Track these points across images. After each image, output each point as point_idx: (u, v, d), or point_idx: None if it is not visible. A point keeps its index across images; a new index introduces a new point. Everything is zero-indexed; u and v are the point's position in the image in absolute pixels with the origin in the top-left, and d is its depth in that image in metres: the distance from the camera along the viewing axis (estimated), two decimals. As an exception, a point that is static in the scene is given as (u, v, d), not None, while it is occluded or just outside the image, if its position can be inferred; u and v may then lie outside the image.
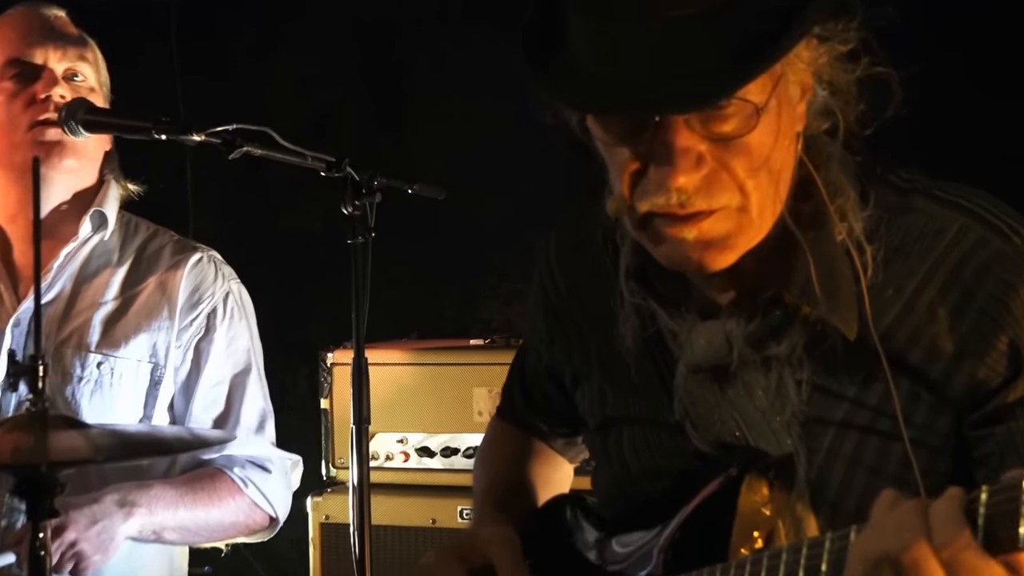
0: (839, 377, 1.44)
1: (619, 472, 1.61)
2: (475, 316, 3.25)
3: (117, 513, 2.23)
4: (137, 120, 2.23)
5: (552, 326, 1.71)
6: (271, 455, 2.44)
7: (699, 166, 1.33)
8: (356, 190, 2.13)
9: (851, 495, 1.44)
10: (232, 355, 2.45)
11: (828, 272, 1.42)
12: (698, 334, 1.49)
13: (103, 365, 2.37)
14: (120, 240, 2.49)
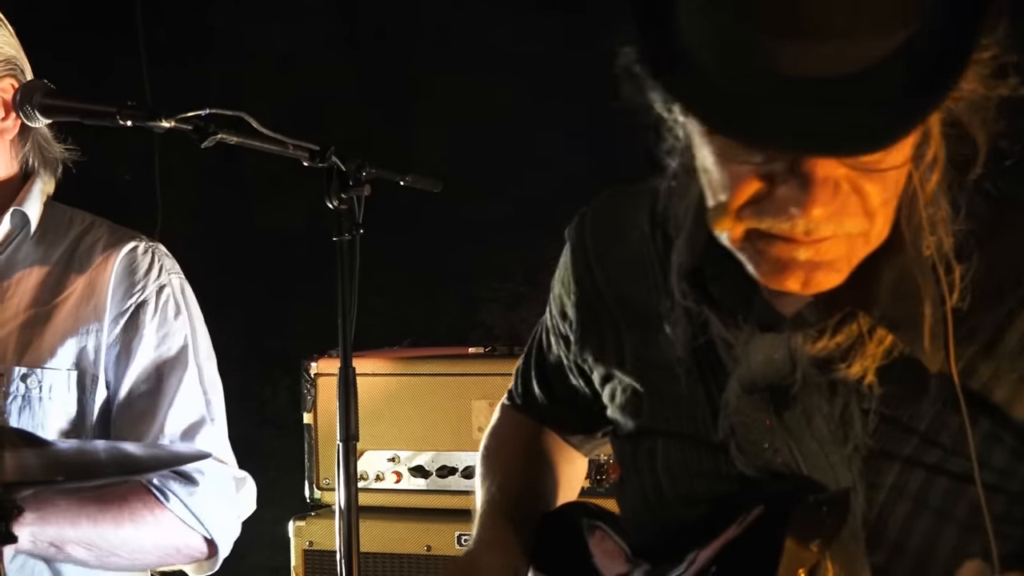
0: (911, 409, 1.43)
1: (651, 492, 1.61)
2: (474, 322, 3.25)
3: None
4: (100, 105, 2.22)
5: (584, 317, 1.69)
6: (201, 466, 2.40)
7: (835, 195, 1.32)
8: (342, 182, 2.13)
9: (914, 536, 1.44)
10: (164, 353, 2.41)
11: (912, 292, 1.41)
12: (757, 348, 1.48)
13: (29, 379, 2.35)
14: (49, 238, 2.48)
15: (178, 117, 2.15)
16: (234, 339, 2.56)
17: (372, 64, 3.51)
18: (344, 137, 2.23)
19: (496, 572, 1.61)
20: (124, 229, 2.52)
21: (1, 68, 2.38)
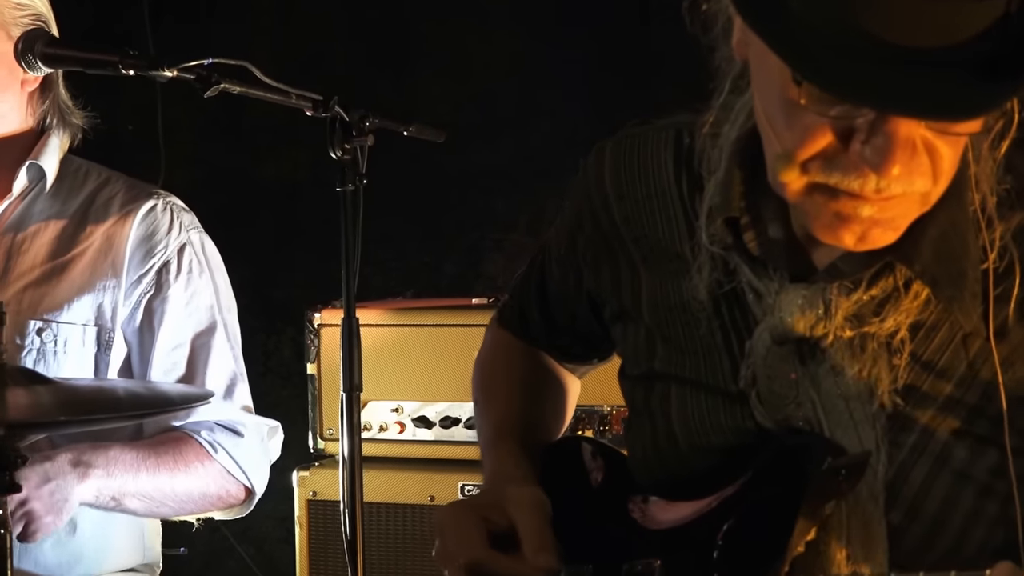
0: (940, 367, 1.42)
1: (663, 438, 1.59)
2: (478, 272, 3.25)
3: (71, 473, 2.23)
4: (103, 54, 2.21)
5: (599, 251, 1.66)
6: (243, 419, 2.43)
7: (912, 156, 1.29)
8: (346, 132, 2.13)
9: (931, 497, 1.43)
10: (193, 314, 2.44)
11: (956, 248, 1.39)
12: (790, 298, 1.45)
13: (45, 332, 2.37)
14: (65, 191, 2.48)
15: (180, 66, 2.15)
16: (238, 290, 2.56)
17: (375, 15, 3.49)
18: (347, 88, 2.23)
19: (524, 503, 1.56)
20: (141, 184, 2.53)
21: (30, 21, 2.39)
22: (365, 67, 3.38)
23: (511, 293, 1.90)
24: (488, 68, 3.30)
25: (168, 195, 2.51)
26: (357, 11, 3.50)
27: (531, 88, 3.22)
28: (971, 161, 1.39)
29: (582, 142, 1.74)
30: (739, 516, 1.46)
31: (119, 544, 2.49)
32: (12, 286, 2.36)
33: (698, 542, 1.47)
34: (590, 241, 1.67)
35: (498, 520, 1.56)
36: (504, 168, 3.24)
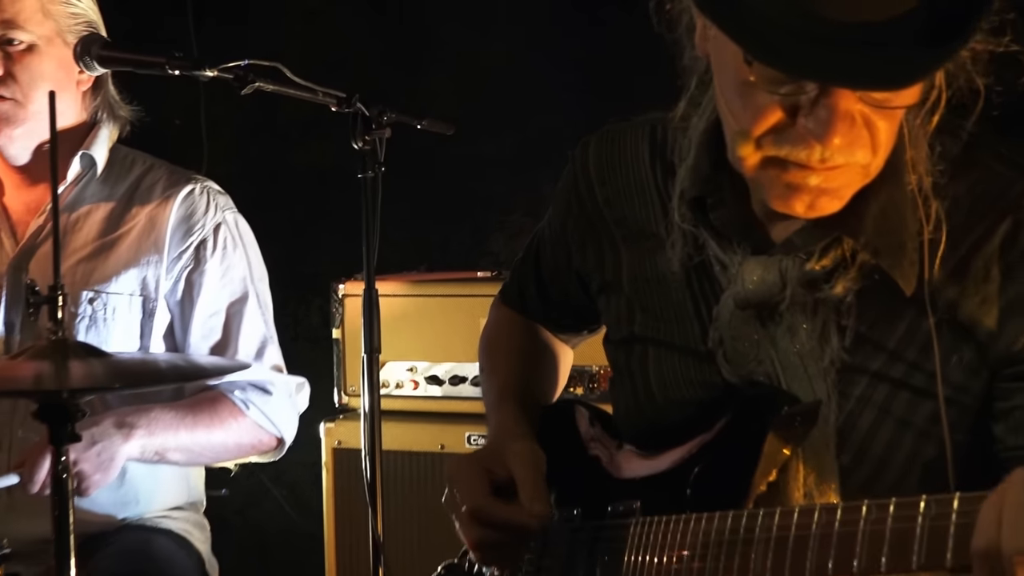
0: (883, 328, 1.41)
1: (642, 394, 1.59)
2: (482, 249, 3.24)
3: (116, 434, 2.23)
4: (151, 56, 2.20)
5: (584, 232, 1.66)
6: (272, 378, 2.43)
7: (852, 127, 1.29)
8: (366, 125, 2.12)
9: (876, 442, 1.42)
10: (227, 285, 2.43)
11: (896, 222, 1.38)
12: (751, 269, 1.44)
13: (95, 301, 2.37)
14: (113, 177, 2.47)
15: (220, 67, 2.13)
16: (272, 265, 2.56)
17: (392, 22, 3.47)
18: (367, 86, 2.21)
19: (522, 456, 1.57)
20: (181, 170, 2.52)
21: (83, 27, 2.38)
22: (383, 68, 3.36)
23: (511, 275, 1.89)
24: (491, 70, 3.29)
25: (206, 180, 2.51)
26: (376, 19, 3.48)
27: (529, 88, 3.21)
28: (908, 146, 1.38)
29: (573, 135, 1.73)
30: (708, 461, 1.45)
31: (167, 486, 2.49)
32: (67, 261, 2.34)
33: (673, 485, 1.47)
34: (577, 223, 1.67)
35: (499, 472, 1.56)
36: (505, 158, 3.23)
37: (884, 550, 1.18)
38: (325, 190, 3.22)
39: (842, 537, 1.21)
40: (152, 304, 2.40)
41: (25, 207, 2.46)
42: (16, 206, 2.46)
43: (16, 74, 2.32)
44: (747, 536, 1.31)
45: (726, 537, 1.33)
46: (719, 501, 1.38)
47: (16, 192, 2.46)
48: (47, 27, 2.33)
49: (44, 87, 2.28)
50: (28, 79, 2.32)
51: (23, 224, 2.45)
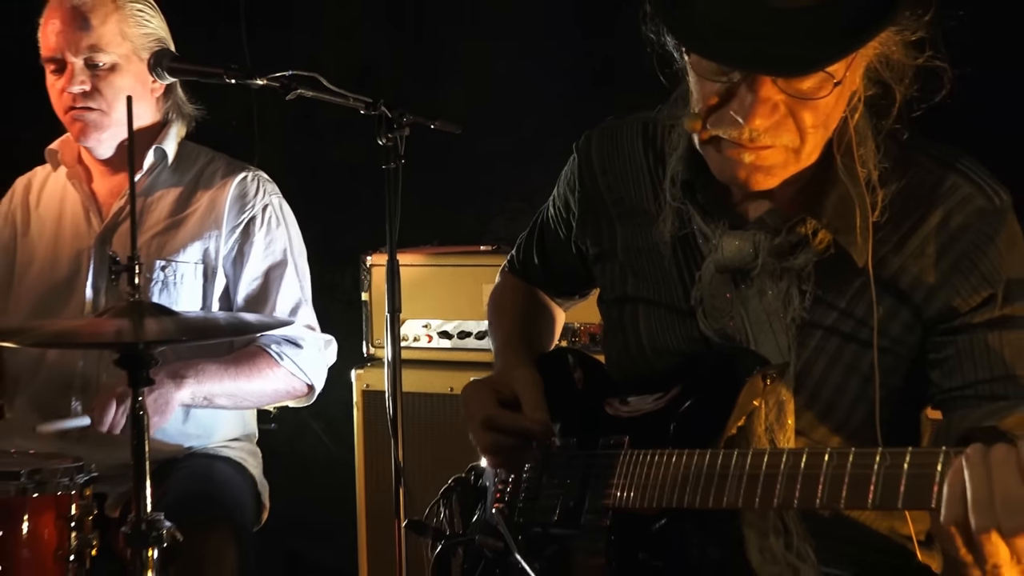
0: (835, 291, 1.42)
1: (633, 345, 1.59)
2: (485, 228, 3.24)
3: (169, 383, 2.24)
4: (211, 67, 2.21)
5: (585, 210, 1.66)
6: (304, 335, 2.44)
7: (773, 113, 1.31)
8: (389, 126, 2.12)
9: (828, 386, 1.44)
10: (270, 255, 2.44)
11: (850, 207, 1.38)
12: (729, 240, 1.45)
13: (167, 268, 2.38)
14: (181, 167, 2.48)
15: (268, 76, 2.14)
16: (313, 241, 2.57)
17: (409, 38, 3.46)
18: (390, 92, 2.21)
19: (524, 379, 1.58)
20: (237, 161, 2.54)
21: (155, 44, 2.38)
22: (403, 77, 3.36)
23: (516, 250, 1.89)
24: (492, 79, 3.28)
25: (257, 170, 2.52)
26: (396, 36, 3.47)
27: (525, 94, 3.20)
28: (855, 146, 1.39)
29: (560, 135, 1.73)
30: (690, 406, 1.45)
31: (225, 422, 2.50)
32: (143, 236, 2.37)
33: (658, 424, 1.47)
34: (579, 203, 1.66)
35: (505, 392, 1.57)
36: (504, 153, 3.23)
37: (844, 490, 1.18)
38: (355, 179, 3.22)
39: (807, 477, 1.22)
40: (212, 270, 2.41)
41: (109, 192, 2.47)
42: (102, 191, 2.48)
43: (102, 89, 2.33)
44: (723, 472, 1.31)
45: (704, 471, 1.33)
46: (696, 440, 1.38)
47: (102, 180, 2.48)
48: (125, 48, 2.34)
49: (125, 97, 2.29)
50: (111, 93, 2.33)
51: (107, 206, 2.46)
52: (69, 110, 2.34)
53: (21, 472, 1.79)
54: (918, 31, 1.33)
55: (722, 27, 1.28)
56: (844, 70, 1.30)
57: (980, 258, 1.37)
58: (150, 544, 1.71)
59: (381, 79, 2.40)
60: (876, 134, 1.41)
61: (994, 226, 1.38)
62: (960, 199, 1.39)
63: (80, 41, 2.30)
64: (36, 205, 2.53)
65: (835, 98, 1.33)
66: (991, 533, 1.05)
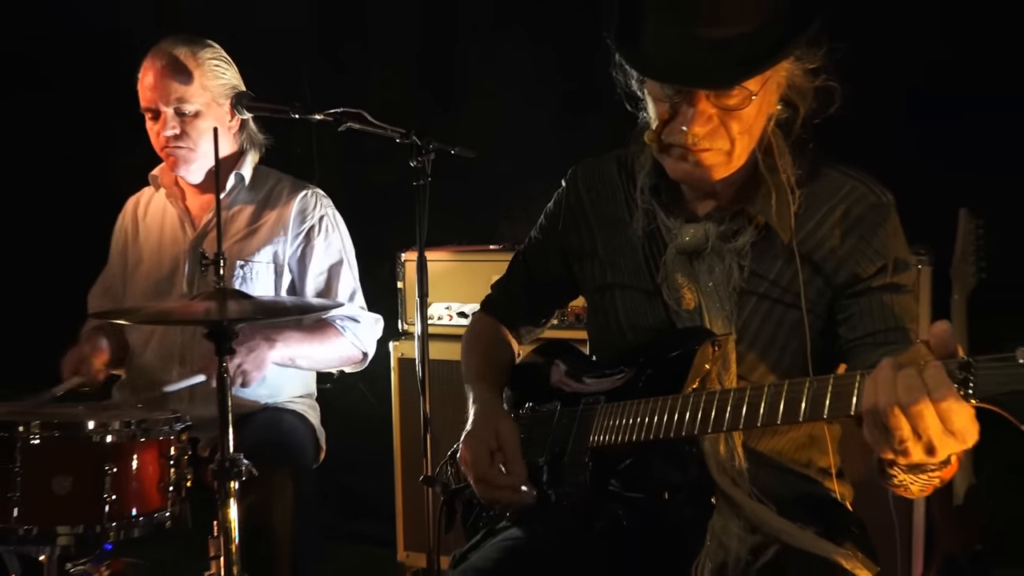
0: (767, 265, 1.45)
1: (612, 323, 1.58)
2: (493, 230, 3.23)
3: (264, 344, 2.26)
4: (280, 105, 2.21)
5: (570, 224, 1.67)
6: (360, 315, 2.46)
7: (708, 123, 1.36)
8: (418, 151, 2.13)
9: (762, 339, 1.45)
10: (329, 255, 2.46)
11: (777, 199, 1.43)
12: (686, 229, 1.48)
13: (245, 267, 2.39)
14: (255, 187, 2.49)
15: (324, 112, 2.14)
16: (359, 242, 2.57)
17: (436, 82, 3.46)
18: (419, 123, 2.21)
19: (511, 432, 1.54)
20: (300, 181, 2.56)
21: (230, 91, 2.39)
22: (430, 111, 3.36)
23: (494, 290, 1.87)
24: (501, 113, 3.28)
25: (315, 187, 2.53)
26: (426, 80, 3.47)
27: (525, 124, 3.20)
28: (778, 155, 1.44)
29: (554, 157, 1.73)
30: (656, 368, 1.46)
31: (292, 382, 2.52)
32: (226, 242, 2.38)
33: (630, 384, 1.48)
34: (566, 219, 1.67)
35: (492, 444, 1.52)
36: (509, 171, 3.23)
37: (780, 410, 1.22)
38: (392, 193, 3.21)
39: (751, 405, 1.26)
40: (280, 268, 2.42)
41: (199, 207, 2.48)
42: (194, 207, 2.49)
43: (189, 132, 2.34)
44: (682, 409, 1.34)
45: (668, 408, 1.36)
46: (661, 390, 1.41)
47: (193, 198, 2.49)
48: (206, 97, 2.34)
49: (208, 137, 2.31)
50: (196, 134, 2.34)
51: (198, 218, 2.47)
52: (164, 148, 2.35)
53: (132, 421, 1.81)
54: (815, 60, 1.40)
55: (666, 58, 1.32)
56: (759, 87, 1.36)
57: (873, 238, 1.41)
58: (232, 478, 1.73)
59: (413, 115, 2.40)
60: (792, 150, 1.47)
61: (883, 216, 1.42)
62: (858, 196, 1.43)
63: (170, 95, 2.31)
64: (143, 217, 2.55)
65: (755, 111, 1.38)
66: (894, 408, 1.07)
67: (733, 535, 1.37)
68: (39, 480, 1.68)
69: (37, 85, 3.56)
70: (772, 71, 1.36)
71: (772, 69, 1.35)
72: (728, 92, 1.34)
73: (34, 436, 1.70)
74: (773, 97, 1.41)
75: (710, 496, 1.39)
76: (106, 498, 1.70)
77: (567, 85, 3.16)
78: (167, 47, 2.33)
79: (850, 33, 1.39)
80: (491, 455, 1.52)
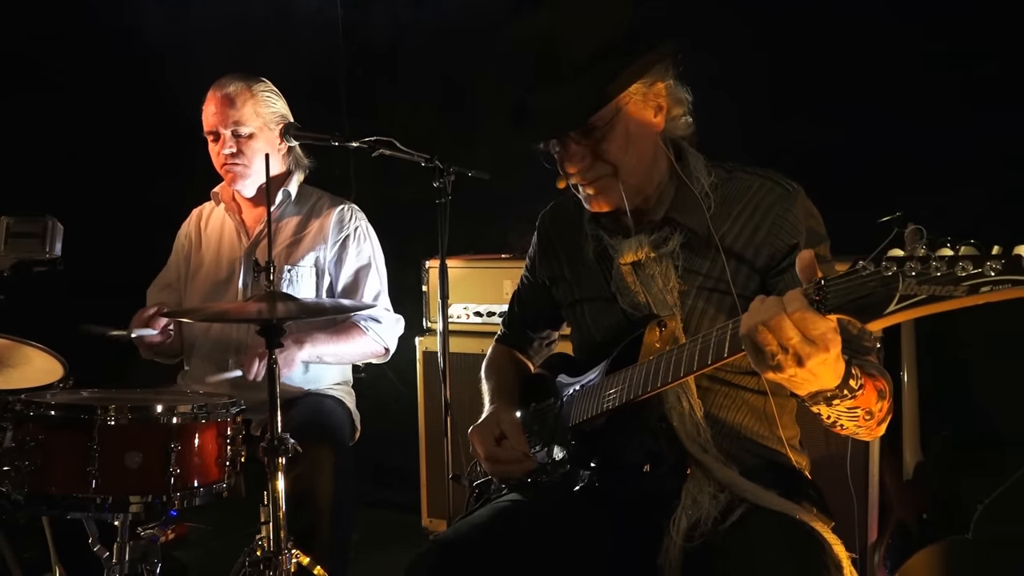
0: (698, 262, 1.43)
1: (585, 331, 1.58)
2: (504, 241, 3.22)
3: (293, 345, 2.25)
4: (322, 133, 2.21)
5: (540, 256, 1.69)
6: (382, 315, 2.44)
7: (582, 160, 1.36)
8: (440, 173, 2.12)
9: (704, 324, 1.43)
10: (359, 260, 2.44)
11: (694, 205, 1.42)
12: (625, 244, 1.47)
13: (292, 271, 2.38)
14: (300, 202, 2.48)
15: (359, 140, 2.13)
16: (390, 251, 2.56)
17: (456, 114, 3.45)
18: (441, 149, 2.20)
19: (511, 421, 1.54)
20: (337, 197, 2.54)
21: (280, 119, 2.38)
22: (450, 138, 3.34)
23: (503, 324, 1.86)
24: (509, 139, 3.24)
25: (352, 204, 2.52)
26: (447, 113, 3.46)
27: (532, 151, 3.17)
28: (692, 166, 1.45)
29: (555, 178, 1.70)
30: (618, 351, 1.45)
31: (332, 372, 2.50)
32: (275, 249, 2.36)
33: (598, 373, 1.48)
34: (538, 255, 1.68)
35: (496, 432, 1.53)
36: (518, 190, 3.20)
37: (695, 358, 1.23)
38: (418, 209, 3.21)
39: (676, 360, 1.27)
40: (321, 272, 2.41)
41: (253, 220, 2.47)
42: (248, 219, 2.48)
43: (244, 151, 2.34)
44: (636, 374, 1.35)
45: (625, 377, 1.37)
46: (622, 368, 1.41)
47: (248, 212, 2.48)
48: (259, 122, 2.35)
49: (260, 156, 2.31)
50: (250, 153, 2.34)
51: (252, 229, 2.46)
52: (223, 165, 2.35)
53: (194, 405, 1.80)
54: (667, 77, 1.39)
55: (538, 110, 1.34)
56: (610, 118, 1.36)
57: (783, 222, 1.40)
58: (279, 454, 1.73)
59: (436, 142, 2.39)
60: (705, 161, 1.47)
61: (790, 201, 1.40)
62: (767, 191, 1.42)
63: (228, 119, 2.32)
64: (205, 227, 2.54)
65: (622, 132, 1.37)
66: (759, 326, 1.08)
67: (706, 493, 1.35)
68: (114, 456, 1.68)
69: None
70: (622, 103, 1.35)
71: (620, 100, 1.34)
72: (586, 129, 1.33)
73: (110, 418, 1.69)
74: (645, 112, 1.41)
75: (685, 467, 1.38)
76: (171, 471, 1.69)
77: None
78: (226, 82, 2.37)
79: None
80: (496, 440, 1.52)
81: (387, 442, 3.32)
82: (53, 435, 1.67)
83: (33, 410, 1.69)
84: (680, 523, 1.33)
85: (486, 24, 3.31)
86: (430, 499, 2.93)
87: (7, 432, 1.70)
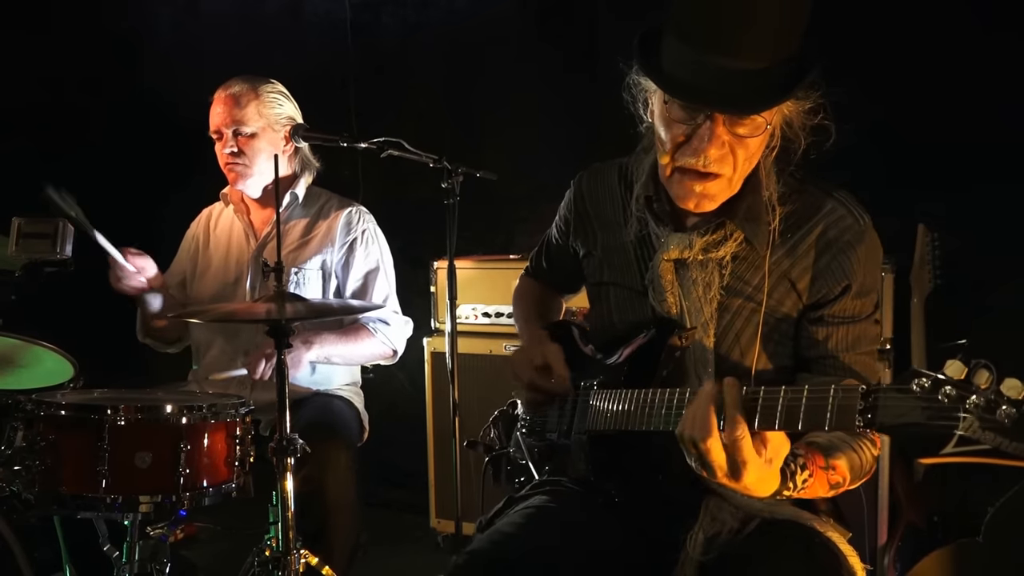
0: (745, 276, 1.38)
1: (606, 316, 1.55)
2: (511, 242, 3.22)
3: (301, 346, 2.24)
4: (331, 135, 2.21)
5: (577, 224, 1.62)
6: (391, 318, 2.43)
7: (722, 147, 1.28)
8: (448, 174, 2.11)
9: (742, 337, 1.39)
10: (367, 263, 2.44)
11: (758, 215, 1.37)
12: (674, 238, 1.42)
13: (299, 273, 2.37)
14: (308, 204, 2.48)
15: (368, 141, 2.13)
16: (398, 253, 2.55)
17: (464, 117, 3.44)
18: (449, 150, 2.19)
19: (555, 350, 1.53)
20: (346, 199, 2.54)
21: (286, 120, 2.38)
22: (459, 139, 3.33)
23: (531, 260, 1.84)
24: (518, 143, 3.25)
25: (360, 205, 2.52)
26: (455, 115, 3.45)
27: (539, 153, 3.18)
28: (764, 176, 1.36)
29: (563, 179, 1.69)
30: (636, 356, 1.43)
31: (340, 372, 2.50)
32: (283, 251, 2.37)
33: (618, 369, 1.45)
34: (574, 220, 1.62)
35: (539, 359, 1.52)
36: (525, 192, 3.21)
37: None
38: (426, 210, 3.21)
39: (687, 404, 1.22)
40: (328, 274, 2.40)
41: (261, 221, 2.47)
42: (256, 221, 2.48)
43: (245, 151, 2.34)
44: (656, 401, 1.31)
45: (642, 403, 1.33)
46: (640, 380, 1.37)
47: (256, 213, 2.48)
48: (261, 122, 2.35)
49: (262, 157, 2.33)
50: (252, 153, 2.34)
51: (260, 231, 2.46)
52: (226, 164, 2.36)
53: (203, 405, 1.80)
54: (812, 100, 1.33)
55: (689, 83, 1.25)
56: (771, 118, 1.29)
57: (844, 260, 1.33)
58: (288, 454, 1.73)
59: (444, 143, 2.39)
60: (777, 170, 1.39)
61: (857, 238, 1.33)
62: (836, 218, 1.34)
63: (231, 119, 2.33)
64: (214, 228, 2.55)
65: (760, 141, 1.31)
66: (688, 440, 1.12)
67: (726, 511, 1.33)
68: (124, 456, 1.67)
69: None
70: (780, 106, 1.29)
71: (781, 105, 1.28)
72: (743, 120, 1.26)
73: (120, 418, 1.69)
74: (776, 131, 1.33)
75: (702, 486, 1.34)
76: (181, 471, 1.69)
77: (573, 123, 3.14)
78: (233, 82, 2.38)
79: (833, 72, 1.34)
80: (536, 370, 1.52)
81: (396, 443, 3.32)
82: (63, 435, 1.67)
83: (44, 410, 1.69)
84: (697, 538, 1.32)
85: (494, 25, 3.31)
86: (439, 500, 2.92)
87: (18, 432, 1.70)
